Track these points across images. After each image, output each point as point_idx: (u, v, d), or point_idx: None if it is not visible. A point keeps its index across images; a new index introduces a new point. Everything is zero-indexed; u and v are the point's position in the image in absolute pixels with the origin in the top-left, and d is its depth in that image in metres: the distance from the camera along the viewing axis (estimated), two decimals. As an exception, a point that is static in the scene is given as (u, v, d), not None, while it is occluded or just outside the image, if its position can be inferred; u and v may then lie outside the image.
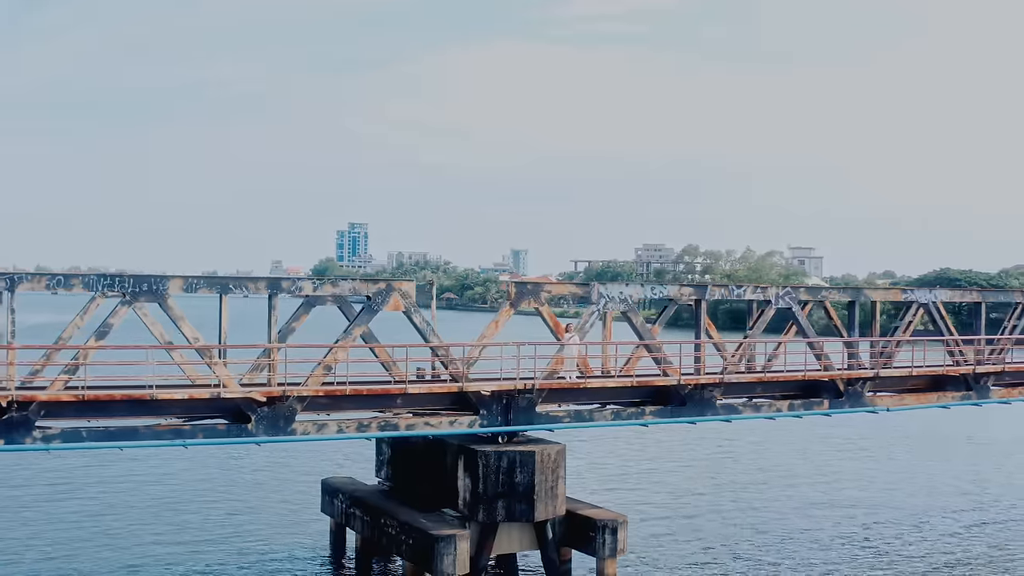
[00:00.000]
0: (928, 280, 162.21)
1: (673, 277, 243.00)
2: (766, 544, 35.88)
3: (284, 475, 45.25)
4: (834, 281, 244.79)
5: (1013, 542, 36.74)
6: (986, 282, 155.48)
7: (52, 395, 24.52)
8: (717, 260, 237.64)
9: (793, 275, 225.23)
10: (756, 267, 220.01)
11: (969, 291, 41.23)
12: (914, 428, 57.89)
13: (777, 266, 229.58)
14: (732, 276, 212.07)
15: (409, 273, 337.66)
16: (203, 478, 44.39)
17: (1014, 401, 39.18)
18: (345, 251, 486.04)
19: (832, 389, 34.73)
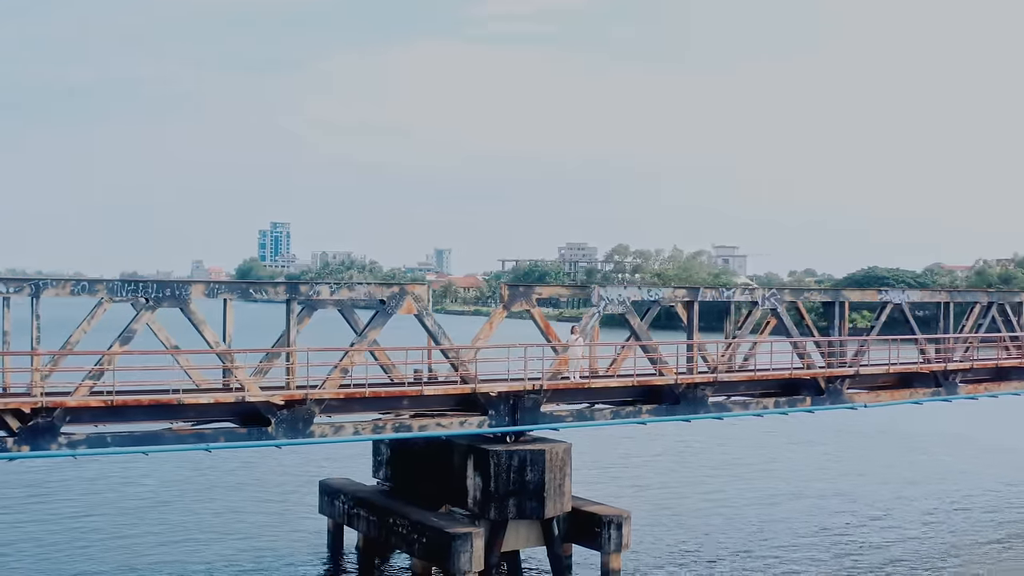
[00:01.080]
0: (857, 278, 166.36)
1: (603, 277, 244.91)
2: (760, 537, 36.97)
3: (270, 477, 45.38)
4: (758, 280, 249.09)
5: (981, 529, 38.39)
6: (913, 280, 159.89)
7: (80, 401, 24.61)
8: (647, 260, 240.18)
9: (722, 274, 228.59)
10: (685, 266, 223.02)
11: (937, 291, 42.85)
12: (884, 423, 59.60)
13: (706, 265, 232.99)
14: (662, 275, 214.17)
15: (335, 273, 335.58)
16: (190, 480, 44.34)
17: (981, 397, 40.80)
18: (267, 251, 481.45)
19: (813, 387, 35.94)
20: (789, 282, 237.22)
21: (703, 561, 33.85)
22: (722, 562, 33.77)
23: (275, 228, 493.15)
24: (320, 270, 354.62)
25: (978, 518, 40.90)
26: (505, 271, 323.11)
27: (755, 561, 33.91)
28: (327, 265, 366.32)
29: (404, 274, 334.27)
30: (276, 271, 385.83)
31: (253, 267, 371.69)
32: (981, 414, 56.24)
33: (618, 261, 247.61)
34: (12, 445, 24.23)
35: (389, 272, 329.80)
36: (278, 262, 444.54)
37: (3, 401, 24.02)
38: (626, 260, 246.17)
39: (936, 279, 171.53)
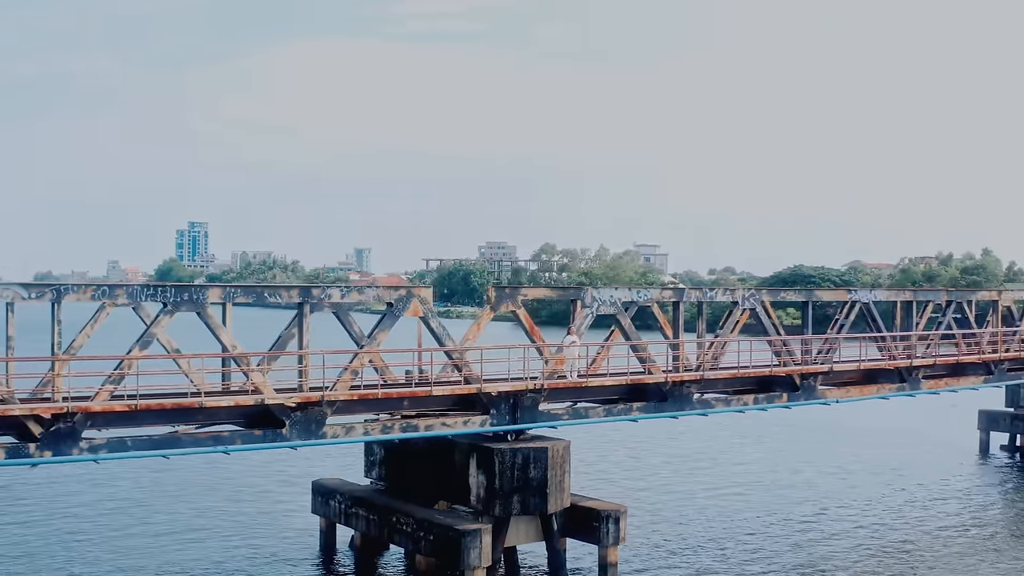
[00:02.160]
0: (784, 277, 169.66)
1: (530, 276, 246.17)
2: (752, 530, 38.03)
3: (254, 479, 45.46)
4: (681, 278, 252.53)
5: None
6: (838, 278, 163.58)
7: (105, 406, 24.78)
8: (574, 259, 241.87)
9: (648, 272, 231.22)
10: (613, 265, 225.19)
11: (902, 291, 44.52)
12: (837, 419, 61.36)
13: (632, 265, 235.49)
14: (589, 274, 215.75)
15: (257, 273, 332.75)
16: (170, 482, 44.21)
17: (942, 392, 42.54)
18: (185, 251, 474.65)
19: (788, 383, 37.24)
20: (710, 281, 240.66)
21: (695, 553, 34.86)
22: (713, 554, 34.80)
23: (193, 228, 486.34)
24: (242, 270, 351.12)
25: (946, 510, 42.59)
26: (429, 270, 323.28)
27: (743, 553, 34.97)
28: (249, 265, 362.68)
29: (327, 273, 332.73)
30: (196, 271, 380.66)
31: (173, 267, 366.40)
32: (933, 409, 58.24)
33: (545, 260, 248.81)
34: (35, 451, 24.31)
35: (312, 272, 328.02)
36: (197, 262, 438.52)
37: (28, 407, 24.08)
38: (553, 259, 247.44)
39: (859, 277, 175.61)
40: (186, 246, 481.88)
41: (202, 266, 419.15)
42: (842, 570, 33.02)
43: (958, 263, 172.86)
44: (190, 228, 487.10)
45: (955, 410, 60.15)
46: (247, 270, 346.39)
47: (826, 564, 33.70)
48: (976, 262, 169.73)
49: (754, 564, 33.56)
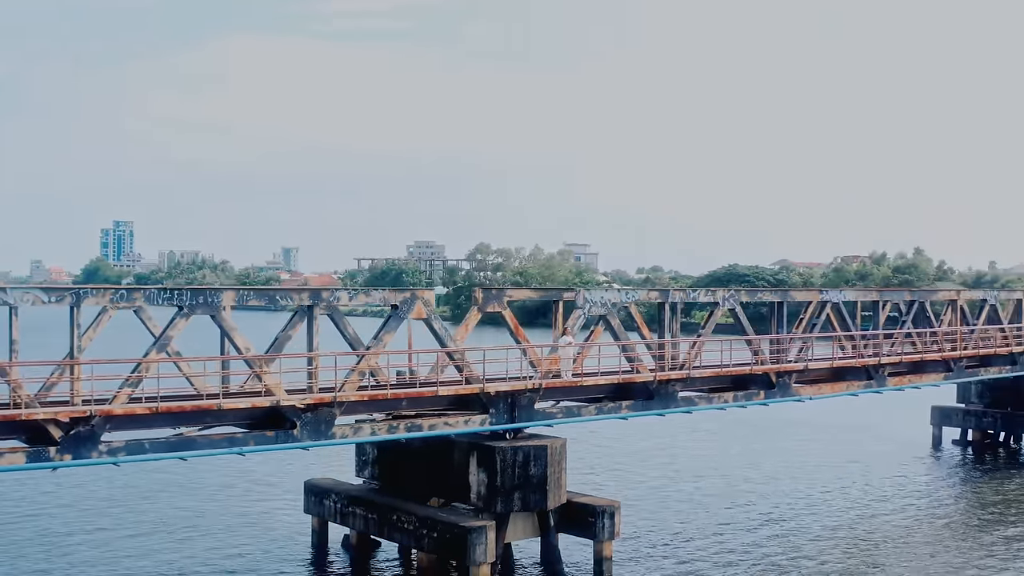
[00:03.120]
0: (719, 276, 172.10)
1: (466, 275, 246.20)
2: (740, 524, 39.13)
3: (237, 481, 45.58)
4: (612, 277, 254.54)
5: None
6: (772, 277, 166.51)
7: (127, 408, 25.02)
8: (509, 258, 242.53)
9: (585, 272, 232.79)
10: (548, 265, 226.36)
11: (869, 291, 46.02)
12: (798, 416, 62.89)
13: (567, 263, 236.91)
14: (524, 274, 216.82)
15: (186, 273, 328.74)
16: (157, 485, 44.20)
17: (907, 388, 44.12)
18: (110, 250, 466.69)
19: (765, 381, 38.43)
20: (640, 280, 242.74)
21: (685, 546, 35.87)
22: (702, 545, 35.83)
23: (118, 227, 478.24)
24: (170, 270, 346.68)
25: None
26: (360, 269, 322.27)
27: (732, 546, 36.05)
28: (177, 264, 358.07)
29: (258, 272, 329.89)
30: (123, 271, 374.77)
31: (100, 267, 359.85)
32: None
33: (480, 260, 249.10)
34: (55, 454, 24.47)
35: (243, 271, 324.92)
36: (123, 261, 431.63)
37: (53, 410, 24.25)
38: (488, 259, 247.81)
39: (790, 276, 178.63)
40: (111, 245, 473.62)
41: (128, 266, 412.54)
42: (808, 558, 34.33)
43: (891, 262, 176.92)
44: (115, 227, 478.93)
45: (909, 406, 61.83)
46: (176, 270, 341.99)
47: (795, 553, 34.99)
48: (908, 261, 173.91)
49: (732, 554, 34.70)
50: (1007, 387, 53.62)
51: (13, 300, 24.45)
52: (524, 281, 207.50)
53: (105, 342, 26.72)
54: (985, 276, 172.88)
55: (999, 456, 54.36)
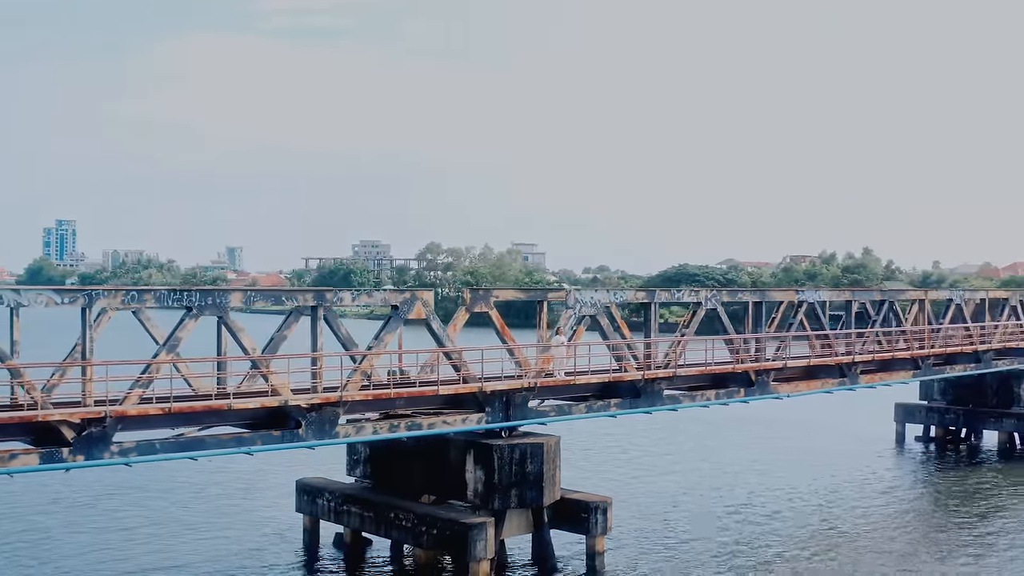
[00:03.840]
0: (670, 276, 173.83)
1: (416, 275, 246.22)
2: (717, 519, 40.00)
3: (219, 479, 45.67)
4: (559, 276, 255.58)
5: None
6: (722, 276, 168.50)
7: (140, 409, 25.24)
8: (459, 258, 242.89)
9: (536, 271, 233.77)
10: (498, 264, 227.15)
11: (843, 291, 47.15)
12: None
13: (517, 263, 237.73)
14: (475, 273, 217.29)
15: (131, 272, 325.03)
16: (138, 487, 44.20)
17: (878, 385, 45.32)
18: (53, 249, 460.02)
19: (744, 380, 39.34)
20: (588, 280, 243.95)
21: (674, 540, 36.70)
22: (690, 538, 36.66)
23: (60, 226, 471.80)
24: (115, 269, 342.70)
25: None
26: (308, 269, 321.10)
27: (721, 538, 36.92)
28: (123, 264, 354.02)
29: (205, 272, 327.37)
30: (67, 271, 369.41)
31: (44, 266, 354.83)
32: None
33: (430, 260, 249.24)
34: (68, 455, 24.63)
35: (189, 271, 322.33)
36: (66, 261, 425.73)
37: (67, 411, 24.43)
38: (438, 258, 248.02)
39: (739, 276, 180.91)
40: (53, 245, 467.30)
41: (72, 265, 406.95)
42: (780, 551, 35.34)
43: (840, 262, 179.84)
44: (57, 226, 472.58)
45: (873, 404, 63.16)
46: (121, 269, 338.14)
47: (766, 549, 35.93)
48: (857, 261, 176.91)
49: (712, 547, 35.60)
50: (969, 384, 55.14)
51: (26, 301, 24.59)
52: (475, 281, 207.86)
53: (105, 343, 26.82)
54: (931, 276, 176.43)
55: (960, 451, 55.86)
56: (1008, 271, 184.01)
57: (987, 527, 38.97)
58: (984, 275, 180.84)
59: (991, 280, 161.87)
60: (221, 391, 27.11)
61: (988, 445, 56.55)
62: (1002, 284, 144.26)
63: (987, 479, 48.05)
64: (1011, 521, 39.98)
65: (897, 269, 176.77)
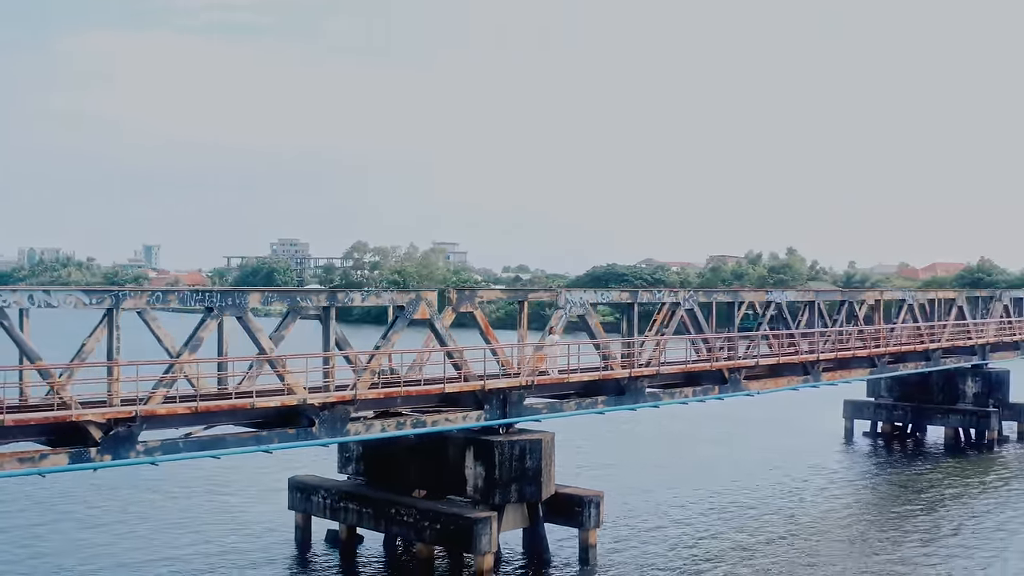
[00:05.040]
0: (597, 275, 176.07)
1: (343, 274, 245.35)
2: (712, 512, 41.36)
3: (206, 478, 45.73)
4: (480, 275, 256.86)
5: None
6: (650, 276, 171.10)
7: (169, 408, 25.71)
8: (386, 257, 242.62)
9: (462, 270, 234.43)
10: (425, 263, 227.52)
11: (807, 291, 48.90)
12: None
13: (443, 262, 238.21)
14: (402, 272, 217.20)
15: (50, 270, 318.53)
16: (125, 488, 44.20)
17: (839, 383, 47.17)
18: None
19: (718, 377, 40.79)
20: (510, 279, 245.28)
21: (662, 533, 38.02)
22: (678, 531, 37.96)
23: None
24: (33, 267, 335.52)
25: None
26: (230, 268, 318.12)
27: (708, 532, 38.28)
28: (40, 262, 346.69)
29: (126, 270, 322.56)
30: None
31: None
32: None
33: (357, 259, 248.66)
34: (95, 455, 25.02)
35: (110, 269, 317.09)
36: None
37: (99, 411, 24.80)
38: (365, 257, 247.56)
39: (667, 276, 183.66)
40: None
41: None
42: (741, 541, 36.91)
43: (765, 263, 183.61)
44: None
45: (822, 401, 65.16)
46: (39, 267, 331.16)
47: (733, 538, 37.51)
48: (782, 261, 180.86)
49: (693, 539, 37.00)
50: (915, 382, 57.41)
51: (56, 302, 24.92)
52: (403, 280, 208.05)
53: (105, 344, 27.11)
54: (855, 276, 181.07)
55: (907, 446, 58.08)
56: (927, 272, 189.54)
57: (936, 517, 40.93)
58: (903, 276, 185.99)
59: (911, 280, 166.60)
60: (243, 390, 27.65)
61: (933, 440, 58.92)
62: (924, 284, 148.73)
63: (936, 472, 50.22)
64: (959, 511, 42.13)
65: (822, 270, 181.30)
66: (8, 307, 24.13)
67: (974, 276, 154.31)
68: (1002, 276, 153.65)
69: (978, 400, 56.68)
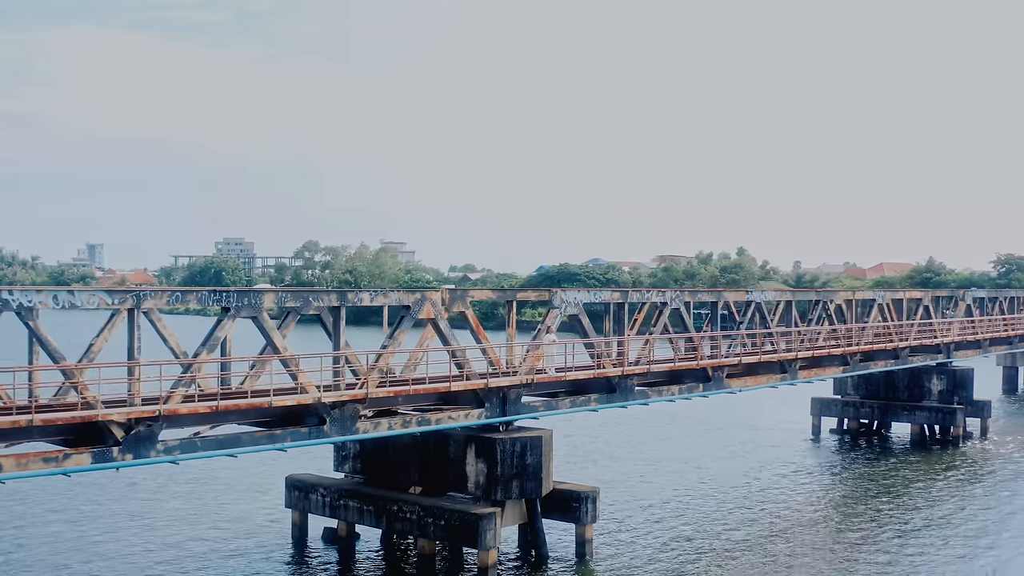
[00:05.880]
0: (550, 275, 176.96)
1: (294, 274, 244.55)
2: (699, 506, 42.28)
3: (195, 477, 45.96)
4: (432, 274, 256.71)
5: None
6: (602, 276, 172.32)
7: (191, 408, 26.06)
8: (337, 257, 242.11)
9: (415, 270, 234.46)
10: (376, 263, 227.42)
11: (784, 291, 50.03)
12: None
13: (395, 262, 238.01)
14: (354, 272, 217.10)
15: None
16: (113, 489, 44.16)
17: (815, 380, 48.39)
18: None
19: (701, 375, 41.77)
20: (457, 279, 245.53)
21: (651, 526, 38.90)
22: (668, 524, 38.84)
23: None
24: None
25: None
26: (177, 267, 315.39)
27: (695, 524, 39.21)
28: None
29: (71, 269, 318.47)
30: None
31: None
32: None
33: (308, 258, 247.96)
34: (118, 454, 25.31)
35: (56, 268, 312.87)
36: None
37: (124, 411, 25.10)
38: (316, 257, 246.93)
39: (619, 275, 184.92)
40: None
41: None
42: (718, 535, 37.93)
43: (716, 263, 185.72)
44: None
45: (789, 398, 66.52)
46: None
47: (713, 530, 38.49)
48: (733, 261, 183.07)
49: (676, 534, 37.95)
50: (881, 380, 58.89)
51: (80, 302, 25.19)
52: (354, 279, 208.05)
53: (118, 343, 27.44)
54: (804, 276, 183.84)
55: (873, 443, 59.51)
56: (874, 272, 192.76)
57: (907, 511, 42.22)
58: (852, 275, 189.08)
59: (860, 280, 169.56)
60: (259, 389, 28.07)
61: (898, 436, 60.45)
62: (875, 284, 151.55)
63: (905, 467, 51.62)
64: (928, 505, 43.49)
65: (773, 269, 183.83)
66: (32, 306, 24.37)
67: (923, 276, 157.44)
68: (951, 276, 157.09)
69: (943, 397, 58.24)
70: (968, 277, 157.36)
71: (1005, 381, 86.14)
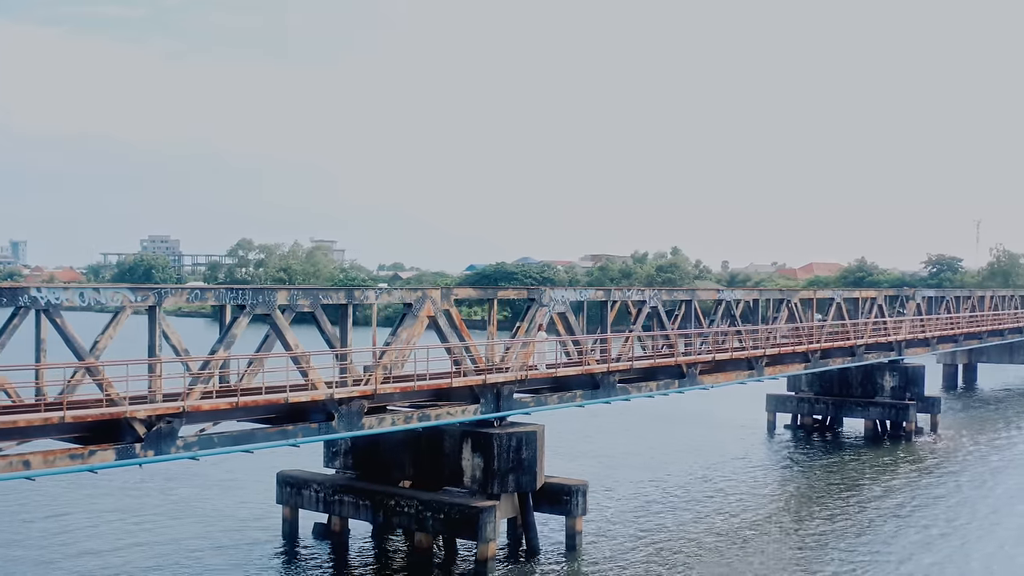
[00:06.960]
0: (486, 274, 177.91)
1: (228, 271, 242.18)
2: (686, 501, 43.40)
3: (184, 475, 45.91)
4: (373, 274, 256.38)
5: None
6: (538, 275, 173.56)
7: (214, 404, 26.51)
8: (271, 255, 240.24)
9: (352, 268, 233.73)
10: (311, 261, 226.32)
11: (752, 291, 51.50)
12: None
13: (329, 260, 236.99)
14: (288, 270, 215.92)
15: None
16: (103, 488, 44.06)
17: (779, 376, 49.94)
18: None
19: (676, 372, 42.98)
20: (388, 278, 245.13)
21: (640, 519, 40.00)
22: (658, 520, 39.94)
23: None
24: None
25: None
26: (106, 264, 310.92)
27: (682, 519, 40.36)
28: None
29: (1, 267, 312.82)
30: None
31: None
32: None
33: (242, 256, 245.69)
34: (140, 451, 25.68)
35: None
36: None
37: (150, 407, 25.46)
38: (250, 255, 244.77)
39: (554, 275, 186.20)
40: None
41: None
42: (683, 528, 39.20)
43: (652, 262, 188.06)
44: None
45: (745, 395, 68.06)
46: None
47: (681, 522, 39.75)
48: (669, 260, 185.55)
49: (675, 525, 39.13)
50: (834, 376, 60.70)
51: (105, 300, 25.55)
52: (288, 277, 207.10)
53: (122, 342, 27.76)
54: (738, 276, 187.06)
55: (826, 438, 61.33)
56: (804, 272, 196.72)
57: (860, 504, 43.79)
58: (783, 275, 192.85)
59: (792, 280, 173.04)
60: (273, 386, 28.57)
61: (852, 432, 62.37)
62: (809, 284, 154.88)
63: (859, 462, 53.42)
64: (882, 497, 45.15)
65: (706, 268, 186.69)
66: (60, 304, 24.68)
67: (856, 276, 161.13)
68: (883, 276, 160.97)
69: (895, 394, 60.19)
70: (899, 277, 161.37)
71: (945, 378, 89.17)
